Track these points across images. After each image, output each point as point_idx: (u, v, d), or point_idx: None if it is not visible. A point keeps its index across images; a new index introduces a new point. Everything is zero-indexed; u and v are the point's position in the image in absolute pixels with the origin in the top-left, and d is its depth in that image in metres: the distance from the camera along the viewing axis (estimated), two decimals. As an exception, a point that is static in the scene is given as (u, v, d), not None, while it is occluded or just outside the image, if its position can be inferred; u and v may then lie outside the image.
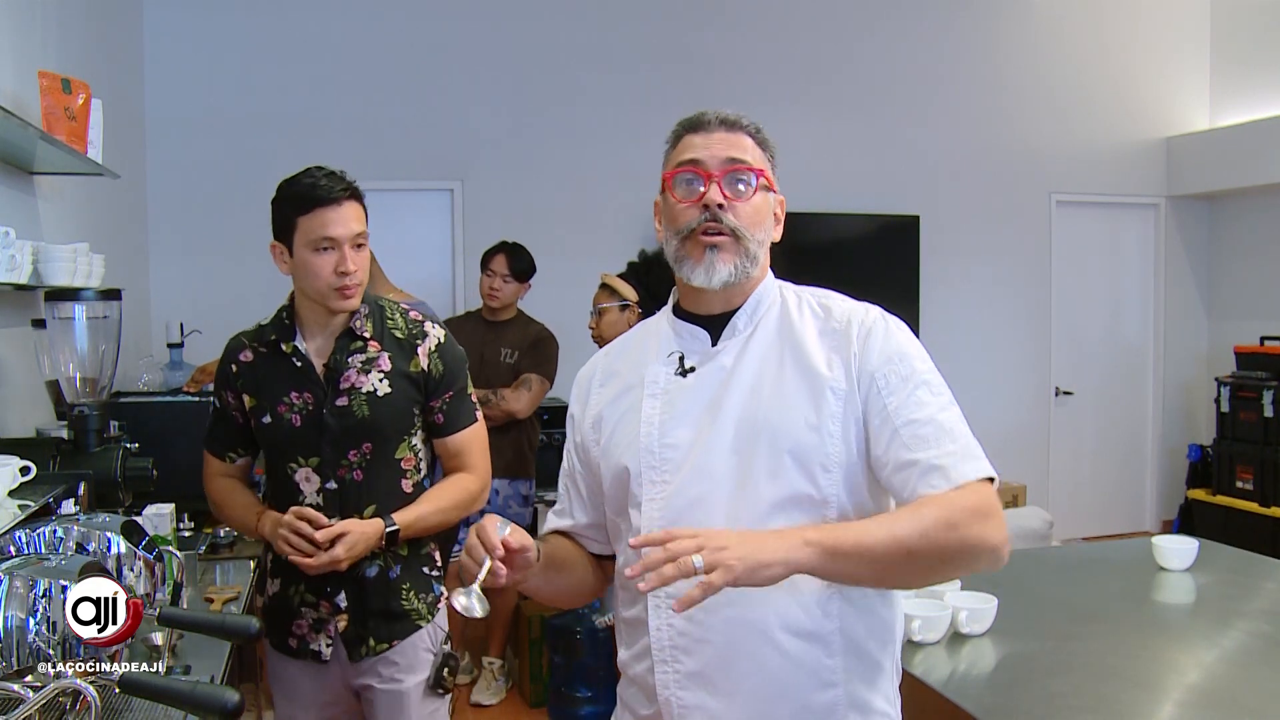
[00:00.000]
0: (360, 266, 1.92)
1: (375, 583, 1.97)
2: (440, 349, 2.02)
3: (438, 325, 2.06)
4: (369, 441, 1.94)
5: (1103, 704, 1.73)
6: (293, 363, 1.96)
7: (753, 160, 1.35)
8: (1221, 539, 3.02)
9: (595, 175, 5.30)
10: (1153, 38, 6.26)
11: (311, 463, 1.94)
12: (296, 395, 1.95)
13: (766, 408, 1.30)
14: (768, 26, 5.52)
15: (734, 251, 1.33)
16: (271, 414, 1.96)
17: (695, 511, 1.28)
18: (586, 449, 1.44)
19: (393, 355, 1.98)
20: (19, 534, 1.55)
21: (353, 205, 1.91)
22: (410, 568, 2.02)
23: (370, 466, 1.95)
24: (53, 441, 2.20)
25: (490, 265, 3.94)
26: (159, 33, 4.74)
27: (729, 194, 1.33)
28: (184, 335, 3.86)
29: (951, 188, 5.86)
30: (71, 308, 2.42)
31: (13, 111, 2.05)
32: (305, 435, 1.94)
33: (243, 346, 2.02)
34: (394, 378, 1.96)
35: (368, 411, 1.93)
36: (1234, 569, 2.61)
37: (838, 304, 1.38)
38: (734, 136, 1.36)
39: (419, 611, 2.02)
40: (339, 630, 1.96)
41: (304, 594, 1.98)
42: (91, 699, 1.20)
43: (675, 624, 1.27)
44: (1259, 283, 6.07)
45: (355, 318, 1.97)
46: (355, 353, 1.96)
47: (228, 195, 4.87)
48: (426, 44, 5.10)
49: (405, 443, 2.00)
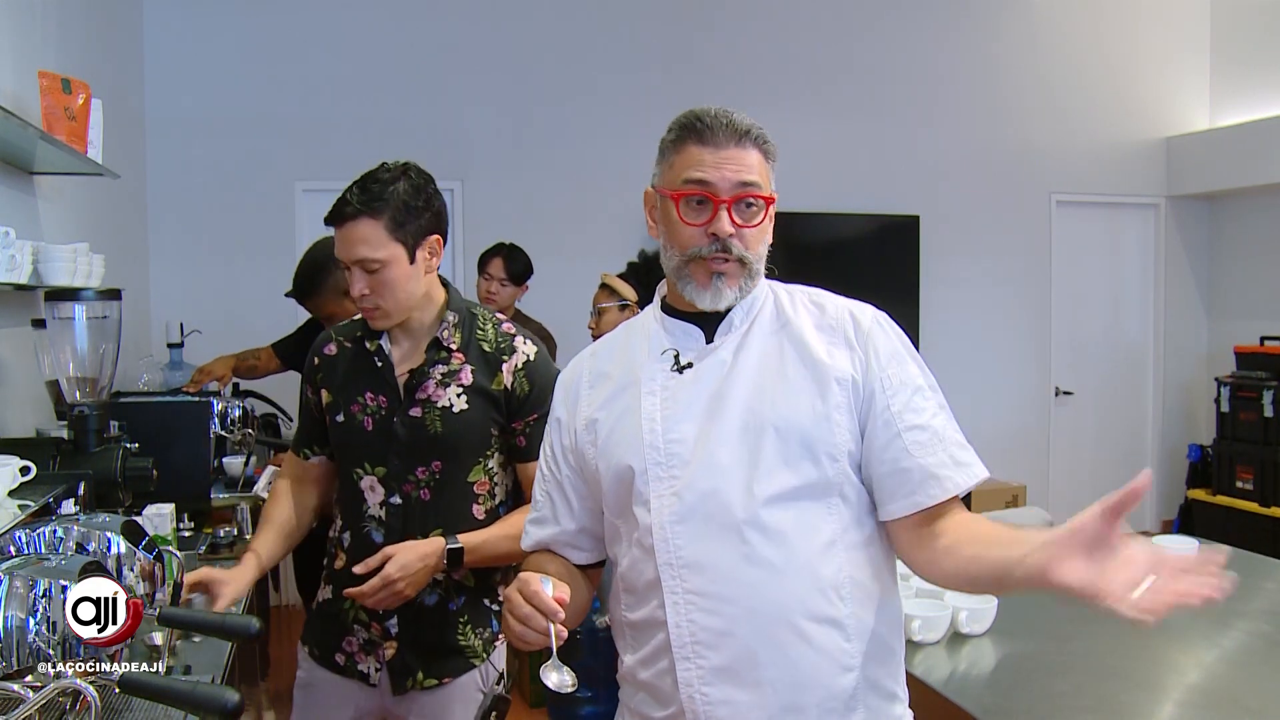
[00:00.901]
0: (378, 290, 1.75)
1: (433, 612, 1.83)
2: (528, 366, 1.84)
3: (530, 341, 1.88)
4: (439, 459, 1.81)
5: (1103, 704, 1.73)
6: (374, 361, 1.84)
7: (761, 181, 1.32)
8: (1221, 539, 3.02)
9: (595, 175, 5.30)
10: (1153, 38, 6.26)
11: (378, 472, 1.82)
12: (371, 397, 1.83)
13: (772, 399, 1.30)
14: (768, 27, 5.52)
15: (739, 275, 1.33)
16: (345, 413, 1.85)
17: (708, 504, 1.27)
18: (580, 452, 1.41)
19: (475, 369, 1.83)
20: (19, 534, 1.55)
21: (360, 225, 1.72)
22: (474, 600, 1.87)
23: (439, 486, 1.81)
24: (53, 441, 2.20)
25: (487, 268, 3.94)
26: (159, 33, 4.74)
27: (738, 220, 1.31)
28: (184, 335, 3.86)
29: (951, 188, 5.86)
30: (71, 308, 2.41)
31: (13, 111, 2.05)
32: (374, 441, 1.81)
33: (329, 340, 1.93)
34: (473, 394, 1.81)
35: (441, 427, 1.79)
36: (1234, 569, 2.59)
37: (829, 300, 1.39)
38: (744, 154, 1.32)
39: (474, 649, 1.86)
40: (385, 658, 1.83)
41: (359, 611, 1.84)
42: (91, 699, 1.20)
43: (697, 619, 1.26)
44: (1259, 283, 6.07)
45: (443, 326, 1.83)
46: (439, 363, 1.82)
47: (228, 195, 4.87)
48: (426, 44, 5.10)
49: (480, 465, 1.84)
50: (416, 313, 1.83)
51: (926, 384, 1.33)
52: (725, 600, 1.25)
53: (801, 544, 1.26)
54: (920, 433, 1.28)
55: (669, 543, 1.28)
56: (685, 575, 1.27)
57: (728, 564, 1.25)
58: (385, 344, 1.85)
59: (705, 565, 1.26)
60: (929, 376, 1.35)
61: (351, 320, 1.93)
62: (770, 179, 1.35)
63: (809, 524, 1.27)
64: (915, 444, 1.28)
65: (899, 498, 1.28)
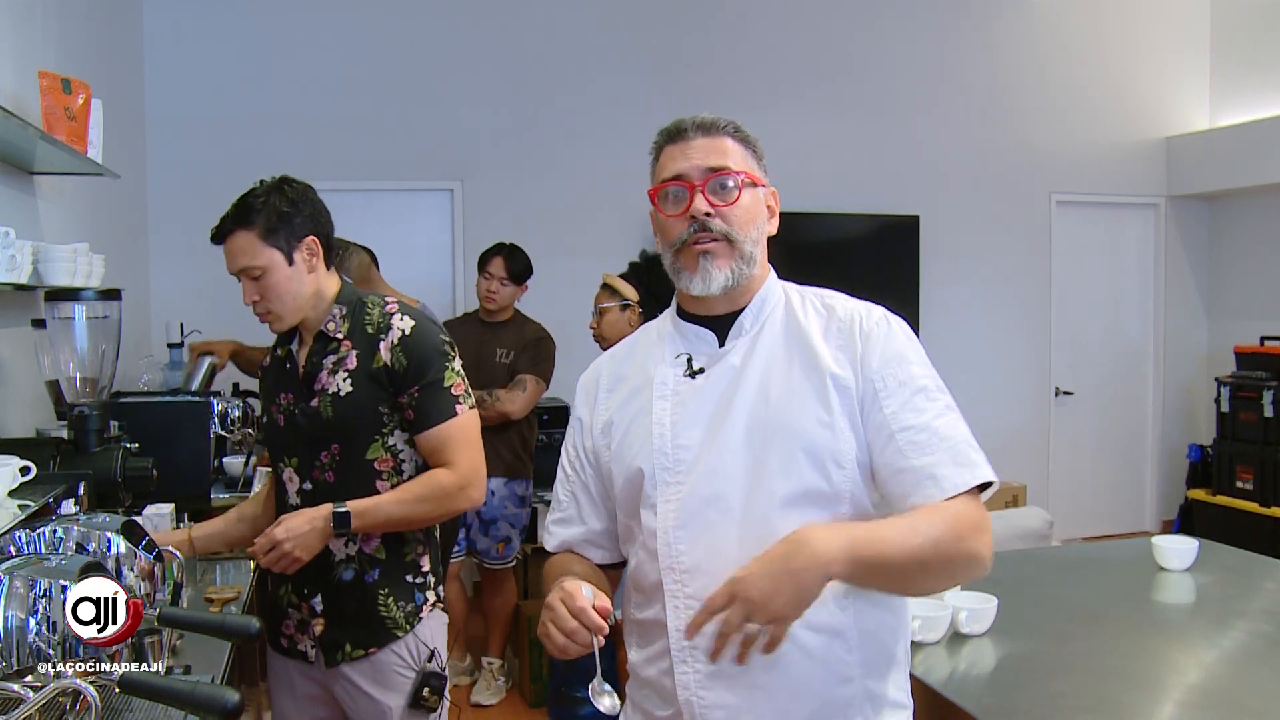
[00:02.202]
0: (267, 294, 1.93)
1: (351, 587, 1.94)
2: (404, 341, 1.93)
3: (407, 318, 1.96)
4: (336, 442, 1.93)
5: (1103, 704, 1.73)
6: (285, 365, 2.02)
7: (734, 162, 1.35)
8: (1221, 539, 3.02)
9: (595, 175, 5.30)
10: (1153, 38, 6.26)
11: (293, 463, 1.98)
12: (284, 396, 2.00)
13: (777, 405, 1.30)
14: (768, 27, 5.52)
15: (728, 256, 1.34)
16: (267, 414, 2.04)
17: (709, 511, 1.29)
18: (597, 454, 1.44)
19: (360, 353, 1.94)
20: (19, 534, 1.55)
21: (236, 238, 1.96)
22: (390, 573, 1.97)
23: (340, 468, 1.93)
24: (53, 441, 2.20)
25: (487, 268, 3.94)
26: (159, 33, 4.74)
27: (715, 200, 1.34)
28: (184, 335, 3.86)
29: (951, 188, 5.86)
30: (71, 308, 2.42)
31: (13, 111, 2.06)
32: (285, 436, 1.98)
33: (269, 351, 2.11)
34: (357, 376, 1.93)
35: (332, 412, 1.92)
36: (1234, 569, 2.61)
37: (841, 303, 1.39)
38: (713, 141, 1.36)
39: (395, 620, 1.95)
40: (316, 634, 1.96)
41: (290, 594, 1.99)
42: (91, 699, 1.20)
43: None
44: (1259, 283, 6.08)
45: (329, 319, 1.97)
46: (329, 353, 1.96)
47: (228, 195, 4.78)
48: (427, 44, 5.10)
49: (378, 443, 1.94)
50: (311, 312, 1.97)
51: (933, 385, 1.32)
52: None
53: None
54: (917, 433, 1.27)
55: (671, 547, 1.30)
56: (686, 580, 1.29)
57: (726, 571, 1.22)
58: (294, 347, 2.02)
59: (705, 571, 1.27)
60: (936, 378, 1.33)
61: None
62: (753, 165, 1.38)
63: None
64: (911, 445, 1.27)
65: (898, 501, 1.28)
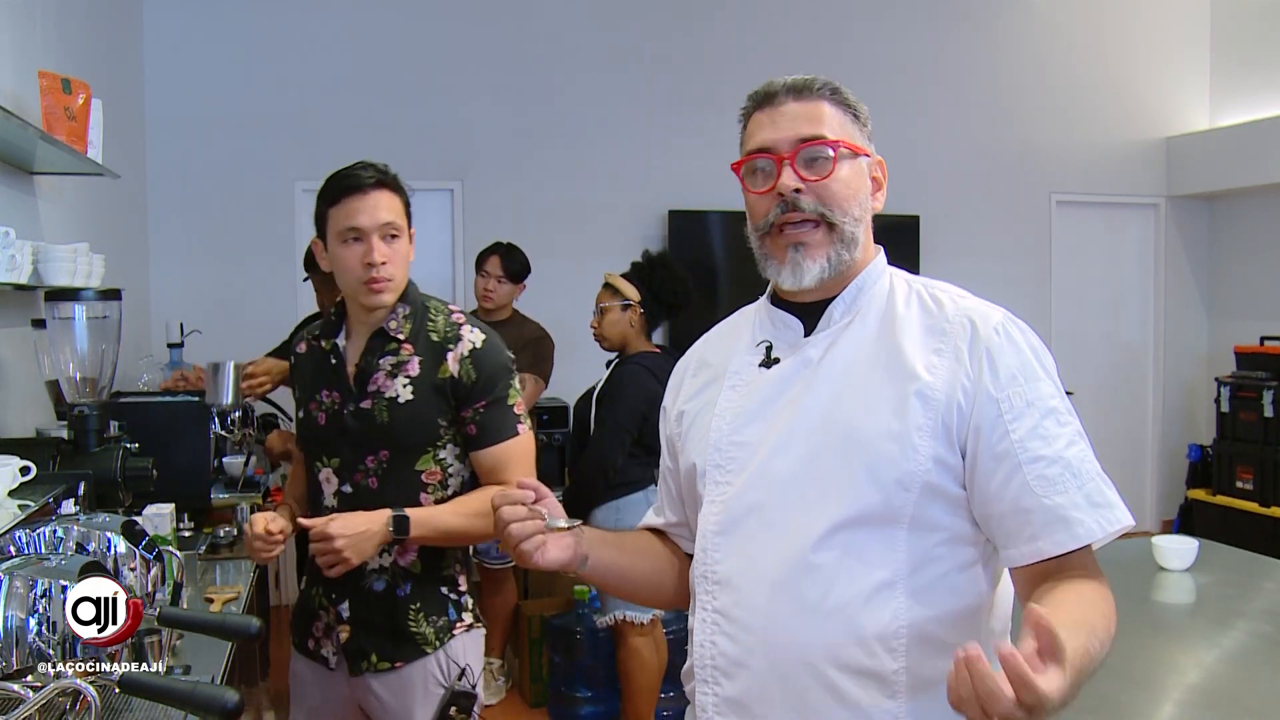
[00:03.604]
0: (392, 259, 1.82)
1: (380, 598, 1.87)
2: (475, 354, 1.86)
3: (477, 330, 1.90)
4: (386, 449, 1.85)
5: (1103, 704, 1.73)
6: (329, 360, 1.92)
7: (830, 130, 1.18)
8: (1221, 539, 3.02)
9: (595, 175, 5.30)
10: (1153, 38, 6.26)
11: (333, 463, 1.89)
12: (326, 393, 1.90)
13: (848, 411, 1.14)
14: (768, 26, 5.52)
15: (824, 243, 1.18)
16: (304, 409, 1.95)
17: (749, 520, 1.16)
18: (673, 443, 1.34)
19: (423, 360, 1.86)
20: (19, 534, 1.55)
21: (382, 194, 1.82)
22: (423, 589, 1.89)
23: (387, 475, 1.86)
24: (53, 441, 2.19)
25: (484, 266, 3.94)
26: (159, 33, 4.74)
27: (807, 175, 1.18)
28: (184, 335, 3.86)
29: (951, 188, 5.86)
30: (71, 308, 2.41)
31: (13, 111, 2.05)
32: (328, 435, 1.89)
33: (302, 339, 2.03)
34: (419, 384, 1.85)
35: (387, 418, 1.84)
36: (1234, 569, 2.61)
37: (953, 300, 1.20)
38: (806, 106, 1.19)
39: (425, 637, 1.87)
40: (341, 640, 1.89)
41: (320, 596, 1.93)
42: (91, 699, 1.20)
43: (718, 643, 1.16)
44: (1259, 283, 6.08)
45: (391, 317, 1.87)
46: (387, 354, 1.87)
47: (228, 195, 4.87)
48: (426, 44, 5.10)
49: (429, 455, 1.87)
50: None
51: (1063, 406, 1.14)
52: (746, 628, 1.14)
53: (844, 582, 1.11)
54: (1049, 465, 1.09)
55: (707, 554, 1.19)
56: (716, 592, 1.18)
57: (757, 589, 1.14)
58: (341, 342, 1.93)
59: (735, 586, 1.16)
60: (1065, 397, 1.15)
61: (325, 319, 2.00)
62: (854, 133, 1.21)
63: (862, 560, 1.11)
64: (1041, 479, 1.09)
65: (1020, 542, 1.10)
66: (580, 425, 3.33)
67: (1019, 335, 1.16)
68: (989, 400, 1.11)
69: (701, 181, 4.99)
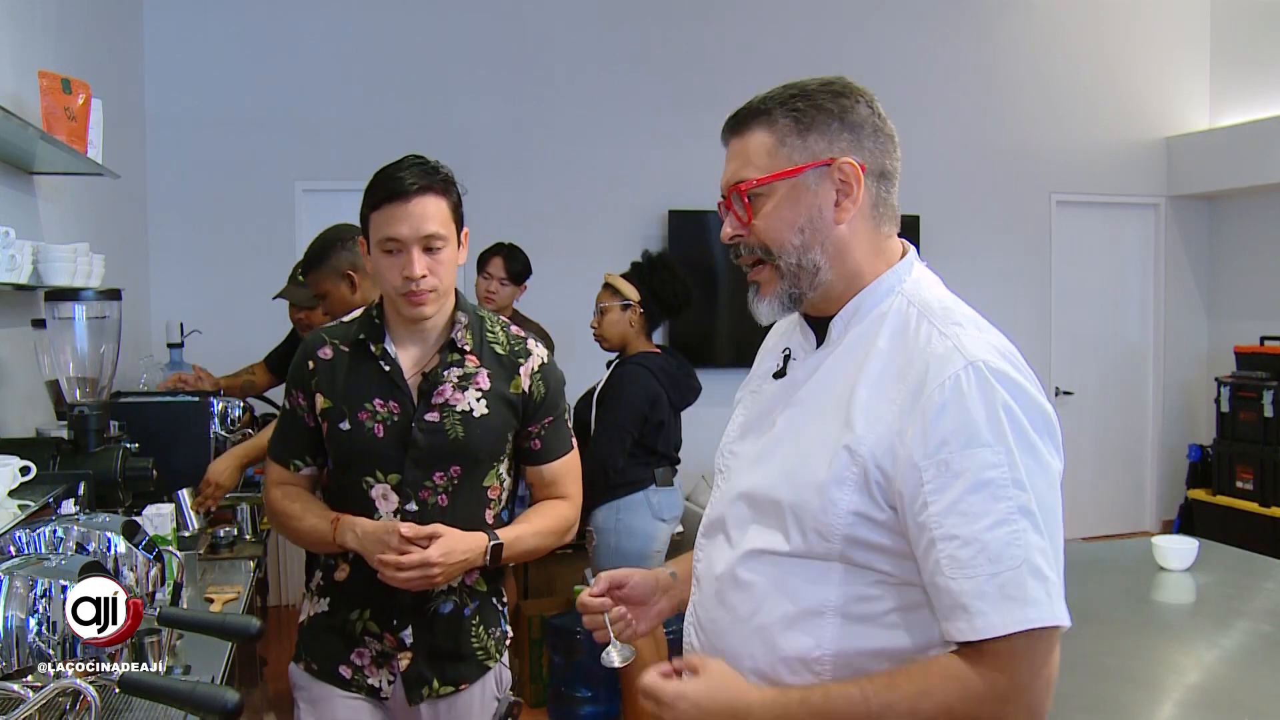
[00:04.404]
0: (435, 270, 1.70)
1: (448, 620, 1.78)
2: (543, 370, 1.83)
3: (539, 344, 1.86)
4: (459, 464, 1.75)
5: (1103, 704, 1.73)
6: (380, 366, 1.76)
7: (757, 165, 1.13)
8: (1221, 539, 3.02)
9: (595, 175, 5.30)
10: (1153, 38, 6.26)
11: (391, 479, 1.74)
12: (381, 403, 1.75)
13: (794, 449, 1.14)
14: (766, 26, 5.52)
15: (772, 280, 1.15)
16: (351, 420, 1.75)
17: (715, 527, 1.24)
18: None
19: (492, 373, 1.78)
20: (19, 534, 1.55)
21: (428, 200, 1.69)
22: (485, 602, 1.84)
23: (456, 492, 1.76)
24: (53, 441, 2.19)
25: (487, 268, 3.94)
26: (159, 33, 4.74)
27: (741, 217, 1.15)
28: (184, 335, 3.86)
29: (951, 188, 5.85)
30: (71, 308, 2.41)
31: (13, 111, 2.05)
32: (387, 448, 1.73)
33: (322, 342, 1.82)
34: (492, 398, 1.77)
35: (462, 432, 1.74)
36: (1234, 569, 2.61)
37: (939, 336, 1.09)
38: (740, 142, 1.16)
39: (488, 650, 1.82)
40: (400, 669, 1.76)
41: (368, 621, 1.77)
42: (91, 699, 1.20)
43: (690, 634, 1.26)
44: (1259, 283, 6.07)
45: (456, 327, 1.78)
46: (453, 365, 1.77)
47: (228, 195, 4.87)
48: (426, 44, 5.10)
49: (494, 470, 1.81)
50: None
51: (1003, 477, 1.00)
52: (701, 626, 1.24)
53: (771, 606, 1.12)
54: (962, 546, 0.99)
55: (695, 553, 1.29)
56: (695, 587, 1.28)
57: (710, 593, 1.23)
58: (390, 347, 1.78)
59: (701, 586, 1.26)
60: (1018, 467, 1.01)
61: (342, 322, 1.86)
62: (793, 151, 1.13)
63: (785, 586, 1.12)
64: (951, 560, 1.00)
65: (937, 618, 1.05)
66: (580, 425, 3.33)
67: (974, 391, 1.03)
68: (912, 467, 1.03)
69: (701, 181, 4.98)
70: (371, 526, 1.71)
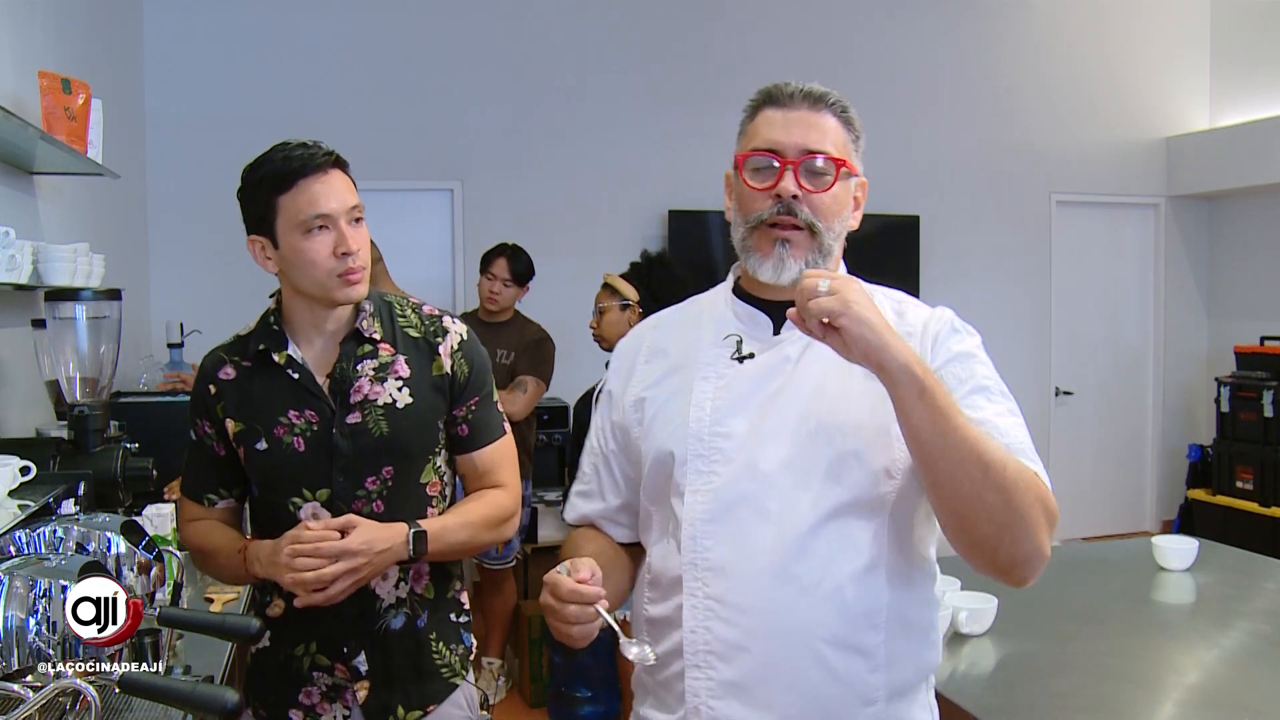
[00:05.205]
0: (363, 244, 1.60)
1: (402, 636, 1.64)
2: (464, 346, 1.70)
3: (456, 320, 1.74)
4: (390, 464, 1.62)
5: (1103, 704, 1.73)
6: (288, 375, 1.62)
7: (834, 147, 1.25)
8: (1221, 539, 3.02)
9: (595, 175, 5.30)
10: (1153, 38, 6.26)
11: (321, 495, 1.60)
12: (296, 415, 1.61)
13: (832, 406, 1.21)
14: (767, 26, 5.52)
15: (807, 247, 1.24)
16: (267, 438, 1.61)
17: (741, 510, 1.20)
18: (626, 429, 1.35)
19: (410, 358, 1.65)
20: (19, 534, 1.55)
21: (340, 174, 1.62)
22: (438, 615, 1.70)
23: (392, 496, 1.62)
24: (53, 441, 2.19)
25: (491, 268, 3.95)
26: (159, 33, 4.74)
27: (806, 184, 1.23)
28: (184, 335, 3.86)
29: (951, 188, 5.86)
30: (71, 308, 2.41)
31: (13, 111, 2.05)
32: (312, 462, 1.60)
33: (221, 362, 1.67)
34: (415, 384, 1.64)
35: (387, 428, 1.61)
36: (1234, 569, 2.61)
37: (912, 309, 1.31)
38: (817, 116, 1.25)
39: (452, 667, 1.69)
40: (358, 701, 1.63)
41: (315, 655, 1.64)
42: (91, 699, 1.20)
43: (713, 628, 1.20)
44: (1259, 283, 6.08)
45: (360, 316, 1.64)
46: (365, 358, 1.63)
47: (228, 195, 4.79)
48: (426, 44, 5.10)
49: (430, 464, 1.67)
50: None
51: (996, 388, 1.22)
52: (744, 611, 1.19)
53: (838, 565, 1.19)
54: (976, 426, 1.13)
55: (697, 541, 1.22)
56: (708, 579, 1.21)
57: (754, 574, 1.19)
58: (295, 353, 1.64)
59: (730, 572, 1.20)
60: (999, 384, 1.23)
61: (238, 336, 1.71)
62: (851, 153, 1.28)
63: (851, 544, 1.19)
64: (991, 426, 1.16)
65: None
66: (580, 425, 3.33)
67: (963, 329, 1.28)
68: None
69: (701, 181, 4.99)
70: (270, 547, 1.55)
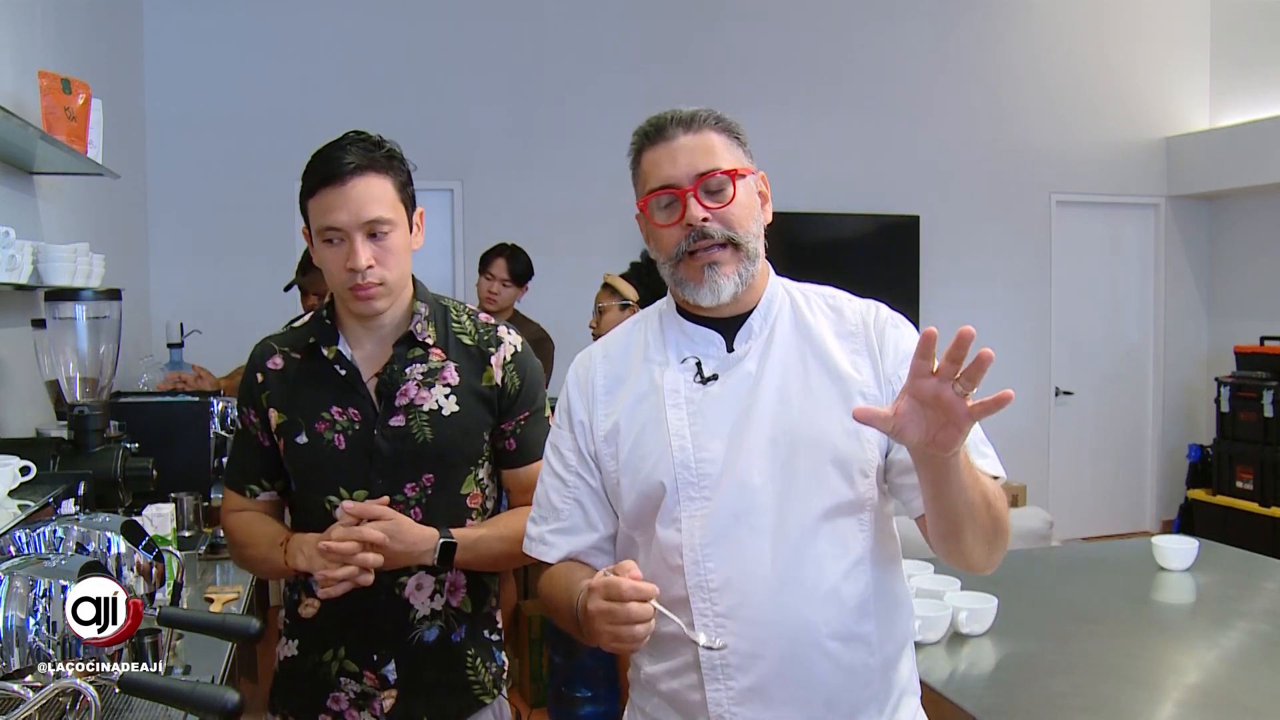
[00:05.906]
0: (384, 261, 1.51)
1: (434, 649, 1.60)
2: (517, 358, 1.64)
3: (514, 331, 1.68)
4: (431, 471, 1.57)
5: (1103, 704, 1.73)
6: (335, 371, 1.59)
7: (724, 160, 1.28)
8: (1221, 539, 3.02)
9: (595, 175, 5.29)
10: (1153, 38, 6.26)
11: (358, 495, 1.55)
12: (339, 411, 1.57)
13: (799, 415, 1.26)
14: (768, 27, 5.52)
15: (734, 261, 1.28)
16: (308, 432, 1.58)
17: (739, 527, 1.25)
18: (600, 460, 1.35)
19: (460, 366, 1.60)
20: (19, 534, 1.55)
21: (369, 181, 1.50)
22: (474, 630, 1.65)
23: (431, 504, 1.57)
24: (53, 441, 2.19)
25: (490, 269, 3.95)
26: (159, 33, 4.74)
27: (709, 204, 1.27)
28: (184, 335, 3.86)
29: (951, 188, 5.86)
30: (71, 308, 2.42)
31: (13, 111, 2.05)
32: (351, 461, 1.56)
33: (271, 352, 1.64)
34: (463, 394, 1.59)
35: (431, 434, 1.56)
36: (1234, 569, 2.61)
37: (846, 304, 1.35)
38: (696, 138, 1.28)
39: (484, 686, 1.65)
40: (385, 710, 1.59)
41: (344, 661, 1.61)
42: (91, 699, 1.20)
43: (727, 643, 1.23)
44: (1259, 283, 6.08)
45: (415, 319, 1.59)
46: (414, 362, 1.59)
47: (228, 195, 4.87)
48: (426, 44, 5.11)
49: (472, 475, 1.62)
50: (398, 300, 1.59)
51: None
52: (756, 624, 1.23)
53: (832, 565, 1.25)
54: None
55: (700, 565, 1.25)
56: (715, 599, 1.25)
57: (759, 587, 1.23)
58: (345, 349, 1.60)
59: (735, 588, 1.24)
60: None
61: (292, 327, 1.69)
62: (740, 155, 1.31)
63: (840, 543, 1.26)
64: None
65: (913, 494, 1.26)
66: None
67: (903, 323, 1.34)
68: (885, 381, 1.28)
69: (701, 181, 4.99)
70: (315, 539, 1.50)
